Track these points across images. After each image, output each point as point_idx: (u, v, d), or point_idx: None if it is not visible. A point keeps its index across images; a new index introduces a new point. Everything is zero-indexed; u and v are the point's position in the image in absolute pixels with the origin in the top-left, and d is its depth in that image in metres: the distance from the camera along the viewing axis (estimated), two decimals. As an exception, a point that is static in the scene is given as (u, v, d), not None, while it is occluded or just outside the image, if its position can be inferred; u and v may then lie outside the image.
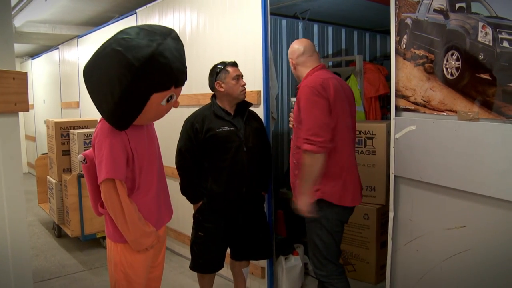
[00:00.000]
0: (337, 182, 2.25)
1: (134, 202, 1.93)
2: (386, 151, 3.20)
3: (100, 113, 1.84)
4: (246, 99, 2.69)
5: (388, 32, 5.36)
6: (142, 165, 1.97)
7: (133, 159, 1.92)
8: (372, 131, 3.24)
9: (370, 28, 5.22)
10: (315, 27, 4.77)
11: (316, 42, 4.75)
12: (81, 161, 1.99)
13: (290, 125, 2.51)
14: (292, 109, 2.70)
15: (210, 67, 2.65)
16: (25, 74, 1.17)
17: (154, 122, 2.10)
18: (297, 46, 2.43)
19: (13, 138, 1.16)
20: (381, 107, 4.67)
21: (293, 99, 3.56)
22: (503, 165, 1.79)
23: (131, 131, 1.91)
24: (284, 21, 4.46)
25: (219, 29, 3.32)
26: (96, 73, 1.79)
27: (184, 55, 1.85)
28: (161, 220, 2.13)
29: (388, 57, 5.13)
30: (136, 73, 1.64)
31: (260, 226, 2.78)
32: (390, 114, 4.81)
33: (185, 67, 1.84)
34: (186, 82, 1.87)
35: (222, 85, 2.57)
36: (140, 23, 4.14)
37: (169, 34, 1.77)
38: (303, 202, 2.21)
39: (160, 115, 1.93)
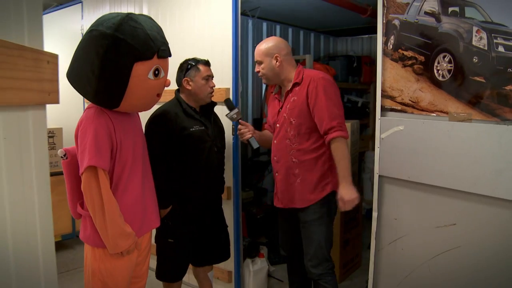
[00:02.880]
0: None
1: (117, 201, 1.80)
2: (351, 150, 3.24)
3: (87, 99, 1.79)
4: (214, 97, 2.55)
5: (331, 33, 5.55)
6: (127, 160, 1.84)
7: (117, 152, 1.79)
8: (336, 131, 3.26)
9: (314, 28, 5.29)
10: (264, 25, 4.73)
11: (264, 40, 4.71)
12: (62, 156, 1.83)
13: (247, 136, 2.45)
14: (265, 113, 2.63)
15: (173, 64, 2.45)
16: (57, 57, 0.95)
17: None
18: (285, 44, 2.40)
19: (41, 138, 0.93)
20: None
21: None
22: (498, 165, 1.86)
23: (117, 120, 1.81)
24: (234, 18, 4.35)
25: (183, 25, 3.12)
26: (76, 64, 1.73)
27: (163, 34, 1.86)
28: (146, 224, 1.98)
29: (332, 58, 5.28)
30: (111, 40, 1.63)
31: (221, 228, 2.67)
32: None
33: (165, 39, 1.84)
34: None
35: (190, 82, 2.41)
36: (86, 14, 3.78)
37: (141, 14, 1.79)
38: (354, 190, 2.19)
39: (150, 93, 1.84)
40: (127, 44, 1.64)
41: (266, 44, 2.39)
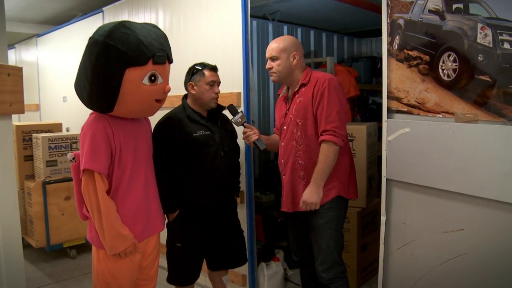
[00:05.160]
0: (350, 176, 2.40)
1: (117, 204, 1.86)
2: (367, 153, 3.18)
3: (84, 104, 1.88)
4: (225, 101, 2.57)
5: (355, 35, 5.46)
6: (127, 164, 1.89)
7: (116, 155, 1.85)
8: (352, 133, 3.20)
9: (337, 30, 5.23)
10: (285, 28, 4.71)
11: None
12: (70, 160, 1.93)
13: (254, 138, 2.42)
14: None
15: (185, 68, 2.50)
16: (20, 69, 0.99)
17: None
18: (301, 45, 2.41)
19: (7, 145, 0.98)
20: (351, 109, 4.67)
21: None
22: (505, 167, 1.77)
23: (117, 125, 1.86)
24: (254, 22, 4.37)
25: (194, 29, 3.18)
26: (77, 73, 1.84)
27: (165, 41, 1.88)
28: (149, 228, 2.03)
29: (355, 59, 5.20)
30: (101, 47, 1.69)
31: (235, 233, 2.67)
32: (359, 116, 4.87)
33: (164, 46, 1.85)
34: None
35: (194, 87, 2.43)
36: (107, 22, 3.93)
37: (144, 22, 1.85)
38: (318, 195, 2.20)
39: (147, 99, 1.86)
40: (117, 50, 1.69)
41: (283, 41, 2.37)
